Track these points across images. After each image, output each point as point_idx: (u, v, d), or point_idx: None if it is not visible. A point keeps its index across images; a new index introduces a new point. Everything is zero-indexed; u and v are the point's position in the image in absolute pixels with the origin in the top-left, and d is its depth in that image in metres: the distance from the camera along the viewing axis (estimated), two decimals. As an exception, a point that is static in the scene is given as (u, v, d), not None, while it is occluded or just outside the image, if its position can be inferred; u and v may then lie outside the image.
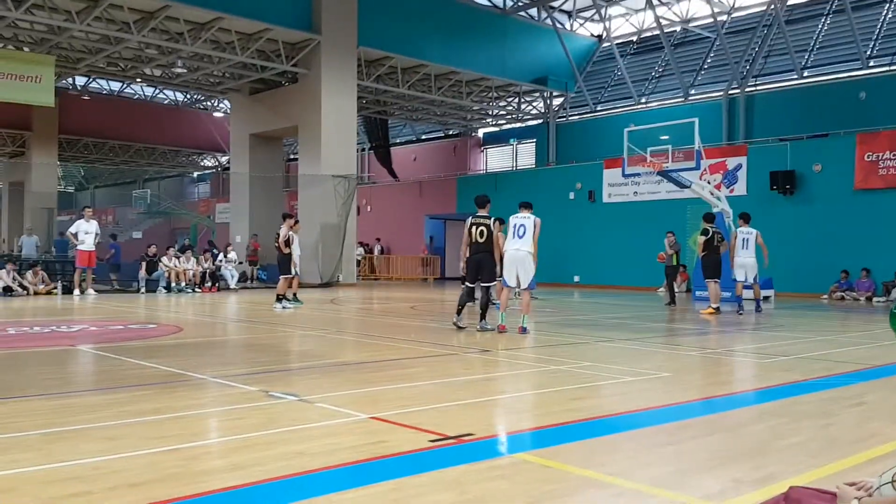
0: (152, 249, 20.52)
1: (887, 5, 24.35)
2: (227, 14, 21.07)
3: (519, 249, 10.33)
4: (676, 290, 22.20)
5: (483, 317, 10.80)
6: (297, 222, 16.30)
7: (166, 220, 45.53)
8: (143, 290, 19.74)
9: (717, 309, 14.34)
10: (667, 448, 4.36)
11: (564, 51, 29.61)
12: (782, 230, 20.00)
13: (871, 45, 23.73)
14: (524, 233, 10.39)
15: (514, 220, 10.55)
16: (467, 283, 11.06)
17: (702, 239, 14.88)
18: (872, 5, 24.63)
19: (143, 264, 20.06)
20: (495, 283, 11.10)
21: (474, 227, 10.59)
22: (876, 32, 24.03)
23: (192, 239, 35.25)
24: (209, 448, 4.30)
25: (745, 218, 15.12)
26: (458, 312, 10.96)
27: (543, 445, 4.42)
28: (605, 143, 26.35)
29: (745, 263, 14.77)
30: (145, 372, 6.88)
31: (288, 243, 14.91)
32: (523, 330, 10.35)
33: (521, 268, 10.34)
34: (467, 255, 10.75)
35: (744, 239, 14.82)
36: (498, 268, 10.75)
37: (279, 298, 14.78)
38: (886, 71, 22.62)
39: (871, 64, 23.19)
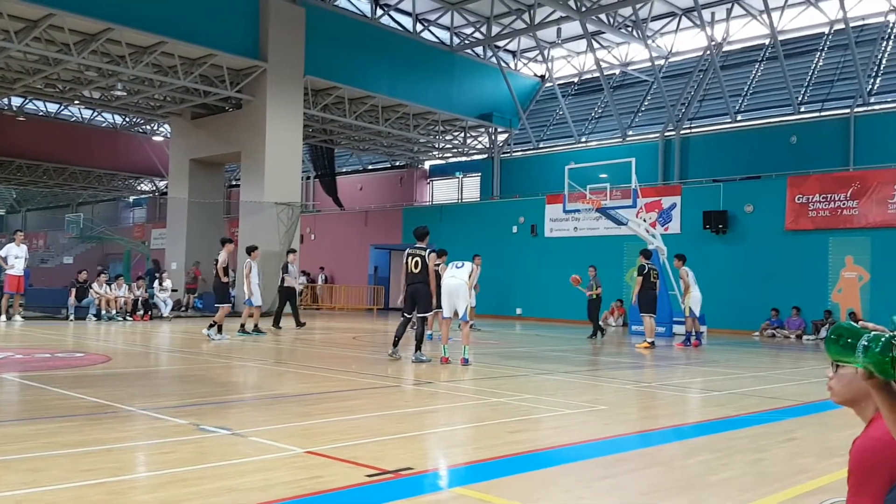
0: (82, 275, 19.89)
1: (818, 53, 25.57)
2: (171, 38, 20.79)
3: (454, 277, 10.72)
4: (613, 324, 22.65)
5: (418, 347, 10.78)
6: (256, 249, 15.99)
7: (99, 246, 44.24)
8: (72, 317, 19.05)
9: (653, 343, 14.67)
10: (603, 482, 4.38)
11: (509, 89, 30.16)
12: (715, 268, 20.57)
13: (802, 92, 24.81)
14: (462, 265, 10.93)
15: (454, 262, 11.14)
16: (405, 314, 11.06)
17: (638, 277, 15.26)
18: (804, 53, 25.83)
19: (73, 290, 19.40)
20: (431, 313, 11.13)
21: (409, 258, 10.76)
22: (807, 79, 25.16)
23: (126, 265, 34.27)
24: (136, 482, 4.15)
25: (682, 258, 15.78)
26: (395, 344, 10.94)
27: (481, 479, 4.39)
28: (547, 180, 26.81)
29: (699, 298, 15.81)
30: (71, 402, 6.62)
31: (227, 271, 14.58)
32: (465, 361, 10.49)
33: (456, 297, 10.64)
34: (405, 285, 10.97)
35: (694, 276, 15.79)
36: (434, 298, 10.88)
37: (213, 326, 14.15)
38: (817, 116, 23.66)
39: (802, 109, 24.22)
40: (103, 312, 19.36)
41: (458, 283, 10.62)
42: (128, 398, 6.85)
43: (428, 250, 10.80)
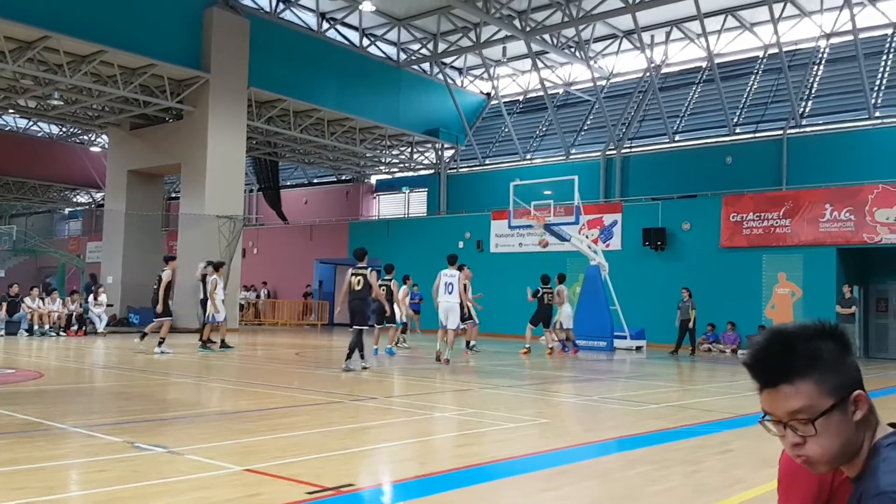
0: (14, 289, 19.20)
1: (753, 77, 26.48)
2: (111, 47, 20.31)
3: (448, 301, 13.62)
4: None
5: (349, 357, 11.33)
6: (223, 266, 16.01)
7: (32, 259, 42.76)
8: (2, 332, 18.35)
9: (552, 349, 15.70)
10: (544, 494, 4.42)
11: (455, 105, 30.39)
12: (653, 284, 21.00)
13: (737, 114, 25.62)
14: (452, 290, 13.55)
15: (443, 276, 13.76)
16: (355, 327, 11.71)
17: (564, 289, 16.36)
18: (739, 76, 26.71)
19: (4, 305, 18.69)
20: (367, 327, 11.91)
21: (353, 277, 11.73)
22: (742, 102, 26.00)
23: (60, 279, 33.22)
24: (68, 502, 4.02)
25: (562, 278, 17.56)
26: (348, 357, 11.41)
27: (424, 494, 4.38)
28: (493, 196, 27.01)
29: (570, 314, 17.61)
30: (1, 420, 6.37)
31: (167, 287, 14.27)
32: (444, 358, 12.85)
33: (451, 313, 13.50)
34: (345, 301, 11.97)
35: (568, 293, 17.65)
36: (388, 312, 13.90)
37: (161, 342, 14.16)
38: (751, 138, 24.45)
39: (737, 131, 25.00)
40: (36, 328, 18.71)
41: (452, 304, 13.45)
42: (60, 416, 6.63)
43: (369, 269, 11.76)
